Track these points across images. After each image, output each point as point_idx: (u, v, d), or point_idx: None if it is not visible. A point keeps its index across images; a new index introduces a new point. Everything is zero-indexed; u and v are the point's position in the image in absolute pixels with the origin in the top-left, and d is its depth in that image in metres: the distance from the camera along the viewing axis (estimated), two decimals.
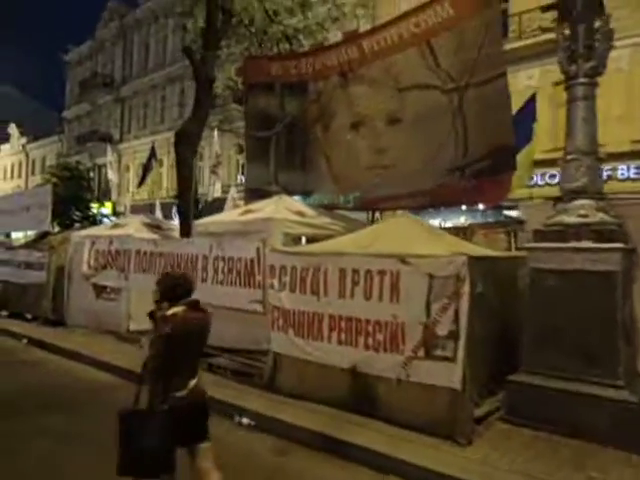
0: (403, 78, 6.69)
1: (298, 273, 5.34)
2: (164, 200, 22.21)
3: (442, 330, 4.32)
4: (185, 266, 7.37)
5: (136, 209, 22.35)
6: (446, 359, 4.29)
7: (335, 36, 13.61)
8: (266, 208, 6.88)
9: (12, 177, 43.65)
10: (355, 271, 4.92)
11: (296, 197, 7.97)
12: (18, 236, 13.98)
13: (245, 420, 4.91)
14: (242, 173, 25.55)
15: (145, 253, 8.20)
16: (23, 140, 42.62)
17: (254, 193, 8.33)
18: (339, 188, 7.67)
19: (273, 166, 8.20)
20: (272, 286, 5.60)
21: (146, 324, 8.62)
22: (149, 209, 19.59)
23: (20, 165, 42.81)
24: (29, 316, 10.28)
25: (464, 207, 13.57)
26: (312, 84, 7.47)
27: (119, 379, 6.42)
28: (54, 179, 19.74)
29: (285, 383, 5.47)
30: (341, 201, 7.71)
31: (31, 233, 13.85)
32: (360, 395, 4.88)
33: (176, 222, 10.02)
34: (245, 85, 8.67)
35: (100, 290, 9.15)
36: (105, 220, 19.77)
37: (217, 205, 16.85)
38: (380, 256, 4.78)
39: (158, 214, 19.98)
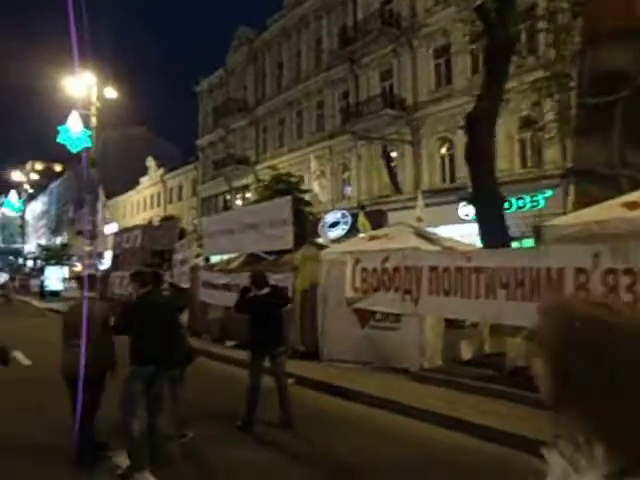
0: None
1: None
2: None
3: None
4: (534, 284, 5.44)
5: None
6: None
7: None
8: None
9: (152, 207, 46.46)
10: None
11: None
12: (217, 259, 13.29)
13: None
14: (391, 183, 23.85)
15: (446, 270, 6.42)
16: (160, 171, 45.26)
17: (586, 177, 6.20)
18: None
19: (618, 141, 6.02)
20: None
21: (438, 360, 6.65)
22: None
23: (159, 195, 45.42)
24: None
25: None
26: None
27: (511, 450, 4.56)
28: (266, 192, 19.25)
29: None
30: None
31: (227, 256, 13.05)
32: None
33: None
34: (584, 37, 6.65)
35: (366, 317, 7.58)
36: None
37: None
38: None
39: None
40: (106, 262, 25.57)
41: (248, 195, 32.16)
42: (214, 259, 13.29)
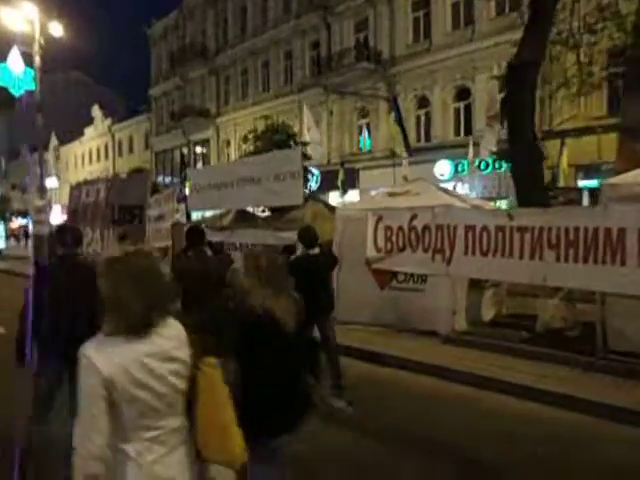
0: None
1: None
2: None
3: None
4: (590, 245, 5.21)
5: None
6: None
7: None
8: None
9: (99, 159, 43.36)
10: None
11: None
12: (198, 215, 12.37)
13: None
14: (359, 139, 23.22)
15: (485, 229, 6.09)
16: (108, 122, 42.01)
17: (632, 134, 5.96)
18: None
19: None
20: None
21: (463, 322, 6.45)
22: None
23: (106, 147, 42.33)
24: None
25: None
26: None
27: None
28: (258, 144, 17.75)
29: None
30: None
31: (211, 213, 12.22)
32: None
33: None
34: None
35: (385, 278, 7.20)
36: None
37: None
38: None
39: None
40: (54, 218, 23.62)
41: (201, 150, 30.65)
42: (194, 216, 12.35)
